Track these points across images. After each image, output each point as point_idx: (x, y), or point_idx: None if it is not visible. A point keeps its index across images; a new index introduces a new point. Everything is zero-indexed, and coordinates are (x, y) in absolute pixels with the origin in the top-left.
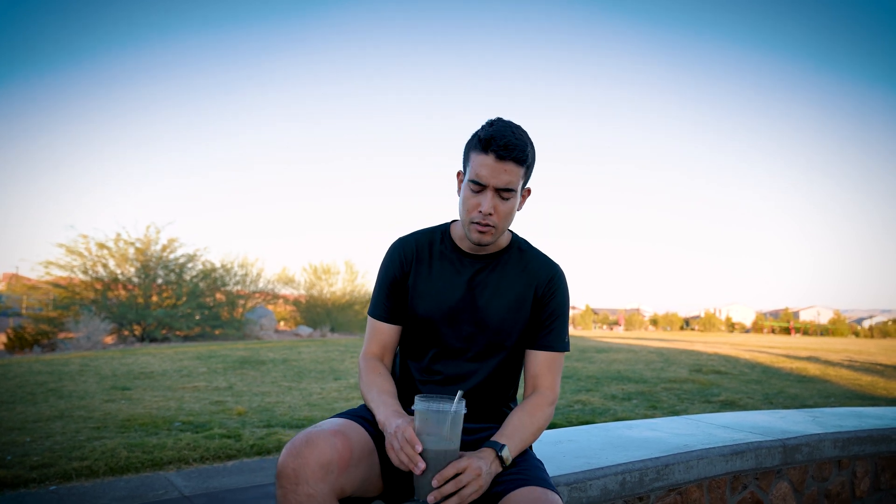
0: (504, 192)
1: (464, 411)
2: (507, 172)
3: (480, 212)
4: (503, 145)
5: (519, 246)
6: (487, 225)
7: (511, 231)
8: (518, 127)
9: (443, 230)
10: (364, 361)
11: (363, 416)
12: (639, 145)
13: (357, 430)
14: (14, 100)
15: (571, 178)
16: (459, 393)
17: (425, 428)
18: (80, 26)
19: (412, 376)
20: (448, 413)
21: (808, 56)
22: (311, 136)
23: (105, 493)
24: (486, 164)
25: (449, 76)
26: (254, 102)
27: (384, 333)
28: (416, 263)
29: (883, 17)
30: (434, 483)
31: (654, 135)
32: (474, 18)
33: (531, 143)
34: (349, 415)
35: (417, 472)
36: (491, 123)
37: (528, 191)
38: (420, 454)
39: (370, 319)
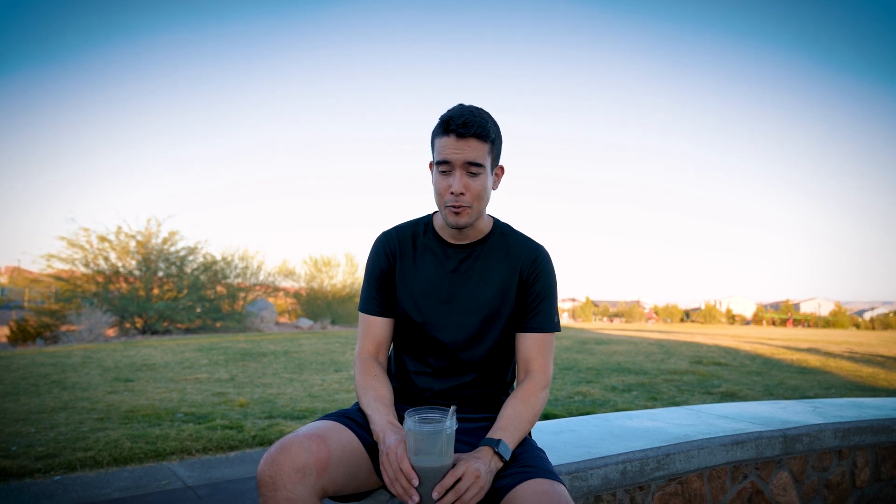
0: (472, 168)
1: (456, 426)
2: (470, 149)
3: (452, 192)
4: (462, 123)
5: (501, 231)
6: (461, 205)
7: (493, 217)
8: (477, 108)
9: (425, 222)
10: (359, 362)
11: (352, 416)
12: (640, 142)
13: (340, 432)
14: (16, 94)
15: (574, 174)
16: (453, 408)
17: (420, 447)
18: (84, 23)
19: (406, 368)
20: (441, 433)
21: (807, 52)
22: (312, 130)
23: (109, 484)
24: (448, 145)
25: (451, 71)
26: (255, 98)
27: (377, 328)
28: (401, 257)
29: (880, 16)
30: (435, 495)
31: (656, 132)
32: (477, 14)
33: (492, 121)
34: (337, 416)
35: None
36: (452, 108)
37: (502, 169)
38: (415, 470)
39: (362, 316)
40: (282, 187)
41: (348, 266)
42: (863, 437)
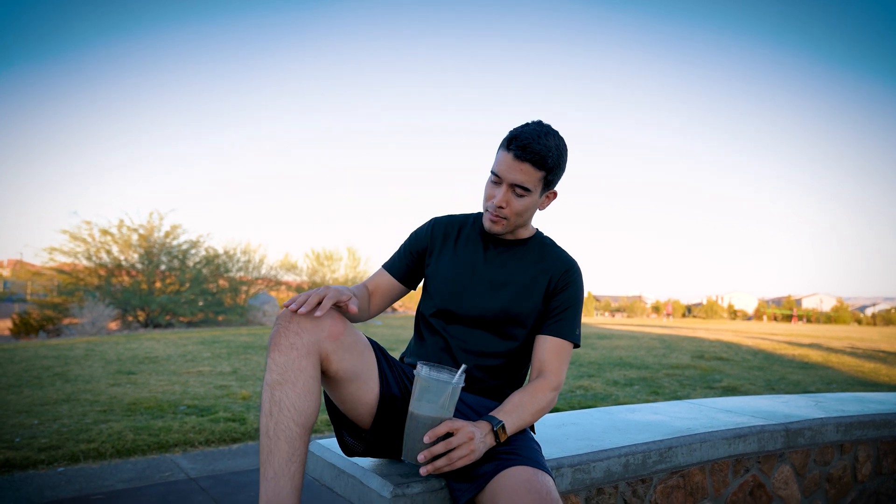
0: (518, 189)
1: (462, 385)
2: (522, 172)
3: (493, 203)
4: (522, 146)
5: (542, 240)
6: (498, 216)
7: (537, 228)
8: (550, 133)
9: (475, 217)
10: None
11: (387, 357)
12: (643, 138)
13: (359, 334)
14: (19, 90)
15: (575, 170)
16: (463, 367)
17: (424, 395)
18: (88, 20)
19: (426, 340)
20: (449, 384)
21: (810, 51)
22: (314, 126)
23: (112, 475)
24: (505, 161)
25: (454, 70)
26: (258, 93)
27: (384, 280)
28: (444, 240)
29: (882, 15)
30: (426, 439)
31: (659, 128)
32: (481, 13)
33: (557, 150)
34: (374, 342)
35: (294, 307)
36: (525, 124)
37: (554, 194)
38: (414, 419)
39: (379, 269)
40: (284, 181)
41: (350, 260)
42: (865, 431)
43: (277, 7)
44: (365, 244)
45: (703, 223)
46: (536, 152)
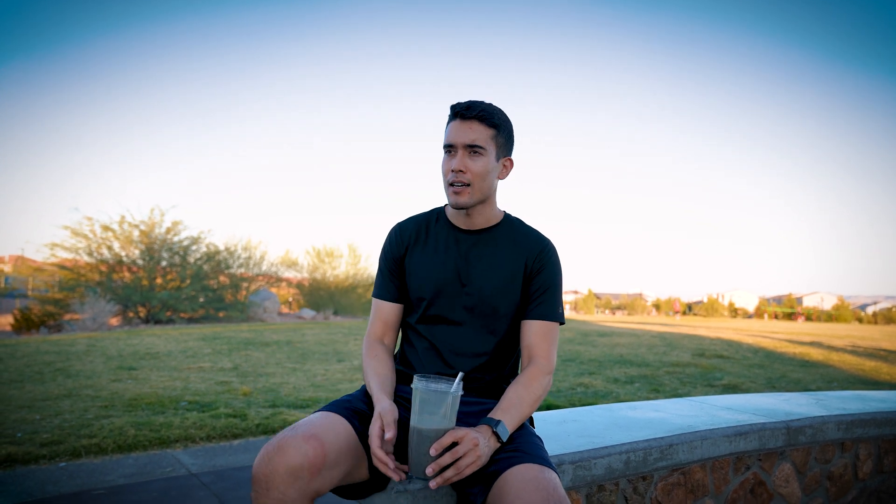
0: (472, 150)
1: (461, 392)
2: (472, 130)
3: (452, 171)
4: (466, 107)
5: (511, 222)
6: (461, 183)
7: (505, 211)
8: (491, 103)
9: (438, 212)
10: (366, 345)
11: (356, 407)
12: (644, 134)
13: (337, 430)
14: (19, 84)
15: (576, 165)
16: (460, 375)
17: (424, 407)
18: (88, 14)
19: (415, 346)
20: (447, 394)
21: (810, 48)
22: (315, 120)
23: (114, 470)
24: (453, 127)
25: (454, 62)
26: (259, 87)
27: (386, 312)
28: (413, 244)
29: (882, 13)
30: (432, 452)
31: (659, 124)
32: (483, 10)
33: (501, 112)
34: (338, 406)
35: (394, 475)
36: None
37: (511, 161)
38: (417, 433)
39: (374, 300)
40: (285, 177)
41: (351, 257)
42: (866, 429)
43: (277, 4)
44: (366, 241)
45: (704, 221)
46: (481, 108)
